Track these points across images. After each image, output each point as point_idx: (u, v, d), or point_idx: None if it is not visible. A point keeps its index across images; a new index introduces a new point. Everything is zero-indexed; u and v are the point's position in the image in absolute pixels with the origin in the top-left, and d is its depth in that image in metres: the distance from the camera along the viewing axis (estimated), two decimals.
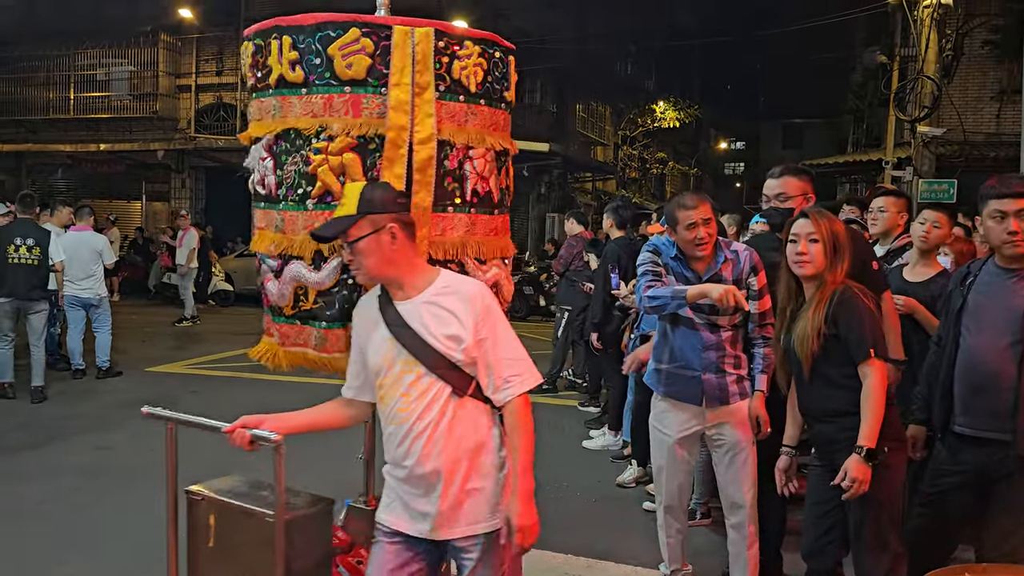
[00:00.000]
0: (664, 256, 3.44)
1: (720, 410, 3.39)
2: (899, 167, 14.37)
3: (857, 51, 21.64)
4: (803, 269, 2.80)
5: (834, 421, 2.77)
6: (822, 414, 2.82)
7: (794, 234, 2.83)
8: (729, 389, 3.38)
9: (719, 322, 3.35)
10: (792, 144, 43.58)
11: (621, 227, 6.51)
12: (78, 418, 6.73)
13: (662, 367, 3.51)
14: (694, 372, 3.39)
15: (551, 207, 20.21)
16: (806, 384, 2.83)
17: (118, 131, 19.97)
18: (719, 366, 3.37)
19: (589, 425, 6.68)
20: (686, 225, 3.29)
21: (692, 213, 3.29)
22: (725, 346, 3.36)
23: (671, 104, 25.31)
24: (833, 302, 2.72)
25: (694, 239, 3.29)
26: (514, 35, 15.55)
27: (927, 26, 12.47)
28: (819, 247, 2.76)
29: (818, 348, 2.71)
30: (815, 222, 2.80)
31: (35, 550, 4.02)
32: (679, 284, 3.35)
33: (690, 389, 3.41)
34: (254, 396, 7.77)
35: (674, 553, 3.67)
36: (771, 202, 3.54)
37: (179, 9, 18.43)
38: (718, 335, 3.36)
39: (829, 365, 2.74)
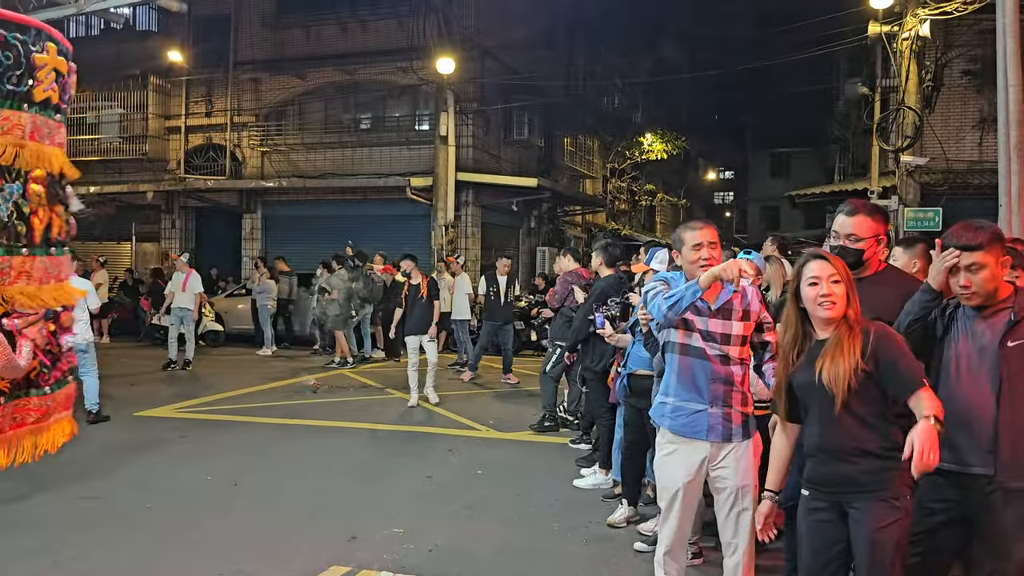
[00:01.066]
0: (674, 286, 3.43)
1: (723, 449, 3.37)
2: (885, 196, 14.51)
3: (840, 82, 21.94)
4: (830, 312, 2.77)
5: (856, 462, 2.72)
6: (845, 453, 2.74)
7: (814, 277, 2.80)
8: (733, 426, 3.37)
9: (730, 354, 3.36)
10: (780, 173, 44.00)
11: (610, 265, 6.54)
12: (65, 465, 6.64)
13: (668, 400, 3.48)
14: (700, 405, 3.38)
15: (541, 241, 20.28)
16: (831, 422, 2.75)
17: (108, 173, 20.03)
18: (725, 400, 3.36)
19: (580, 463, 6.64)
20: (691, 246, 3.39)
21: (697, 234, 3.41)
22: (734, 380, 3.37)
23: (658, 136, 25.53)
24: (870, 339, 2.70)
25: (699, 260, 3.35)
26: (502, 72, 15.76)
27: (907, 57, 12.68)
28: (842, 288, 2.77)
29: (856, 384, 2.68)
30: (835, 263, 2.81)
31: None
32: (690, 316, 3.35)
33: (696, 423, 3.38)
34: (244, 440, 7.72)
35: None
36: (841, 240, 3.43)
37: (168, 52, 18.59)
38: (728, 367, 3.36)
39: (861, 404, 2.71)
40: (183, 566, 4.46)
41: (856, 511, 2.71)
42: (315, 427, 8.34)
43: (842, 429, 2.74)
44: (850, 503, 2.72)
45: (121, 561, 4.56)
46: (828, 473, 2.80)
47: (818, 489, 2.84)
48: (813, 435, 2.85)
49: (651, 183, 29.63)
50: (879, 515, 2.66)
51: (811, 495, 2.87)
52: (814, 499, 2.85)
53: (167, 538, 4.94)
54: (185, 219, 20.25)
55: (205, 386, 10.75)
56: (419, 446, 7.53)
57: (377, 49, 17.82)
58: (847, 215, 3.45)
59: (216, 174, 19.20)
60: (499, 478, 6.43)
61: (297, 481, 6.40)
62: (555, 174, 21.61)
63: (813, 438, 2.85)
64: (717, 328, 3.36)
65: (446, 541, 4.91)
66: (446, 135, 16.53)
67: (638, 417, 5.10)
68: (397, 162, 18.10)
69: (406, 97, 18.56)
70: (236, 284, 17.76)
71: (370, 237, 15.74)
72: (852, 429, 2.72)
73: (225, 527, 5.16)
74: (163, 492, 5.92)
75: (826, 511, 2.81)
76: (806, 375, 2.81)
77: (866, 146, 17.83)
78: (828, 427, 2.78)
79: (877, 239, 3.45)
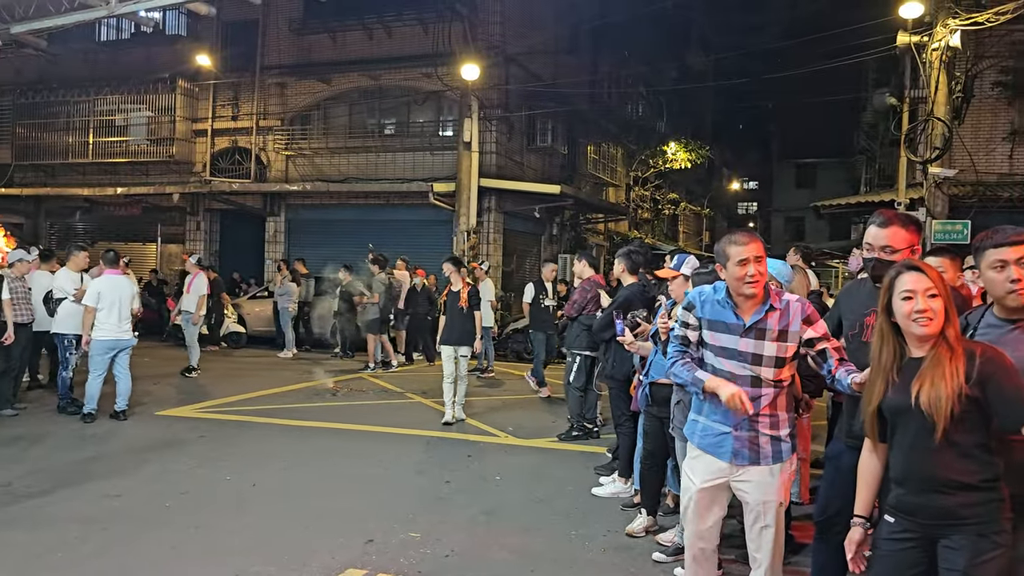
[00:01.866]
0: (702, 308, 3.39)
1: (750, 469, 3.32)
2: (912, 208, 14.33)
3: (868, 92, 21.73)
4: (926, 328, 2.58)
5: (954, 494, 2.52)
6: (943, 485, 2.54)
7: (908, 291, 2.60)
8: (761, 449, 3.30)
9: (762, 376, 3.27)
10: (805, 184, 43.71)
11: (633, 272, 6.48)
12: (87, 463, 6.71)
13: (699, 419, 3.46)
14: (725, 428, 3.33)
15: (563, 248, 20.23)
16: (929, 451, 2.55)
17: (135, 175, 20.31)
18: (751, 424, 3.29)
19: (599, 471, 6.59)
20: (737, 261, 3.23)
21: (743, 249, 3.24)
22: (763, 403, 3.28)
23: (682, 145, 25.43)
24: (976, 361, 2.50)
25: (744, 276, 3.22)
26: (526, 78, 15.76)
27: (936, 68, 12.52)
28: (939, 302, 2.58)
29: (959, 411, 2.48)
30: (931, 275, 2.61)
31: None
32: (720, 335, 3.32)
33: (721, 444, 3.35)
34: (263, 441, 7.74)
35: None
36: (876, 252, 3.37)
37: (196, 56, 18.80)
38: (759, 390, 3.28)
39: (963, 432, 2.51)
40: (201, 566, 4.47)
41: (951, 543, 2.54)
42: (334, 430, 8.34)
43: (941, 459, 2.54)
44: (945, 535, 2.55)
45: (140, 559, 4.57)
46: (922, 504, 2.59)
47: (908, 519, 2.64)
48: (905, 462, 2.65)
49: (674, 192, 29.52)
50: (979, 550, 2.49)
51: (897, 522, 2.67)
52: (902, 528, 2.65)
53: (185, 537, 4.95)
54: (210, 221, 20.44)
55: (226, 387, 10.81)
56: (438, 451, 7.51)
57: (402, 55, 17.91)
58: (880, 226, 3.40)
59: (241, 177, 19.37)
60: (517, 485, 6.39)
61: (315, 483, 6.40)
62: (578, 181, 21.58)
63: (906, 465, 2.65)
64: (748, 348, 3.28)
65: (463, 547, 4.88)
66: (470, 141, 16.55)
67: (659, 426, 5.06)
68: (420, 167, 18.15)
69: (430, 103, 18.62)
70: (259, 286, 17.89)
71: (392, 242, 15.79)
72: (952, 459, 2.52)
73: (243, 527, 5.17)
74: (182, 491, 5.95)
75: (913, 540, 2.62)
76: (900, 397, 2.61)
77: (894, 157, 17.62)
78: (925, 455, 2.57)
79: (912, 250, 3.40)
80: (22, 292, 8.82)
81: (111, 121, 20.27)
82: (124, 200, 19.98)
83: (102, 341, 8.35)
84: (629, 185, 26.15)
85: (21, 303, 8.76)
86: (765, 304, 3.28)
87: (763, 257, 3.29)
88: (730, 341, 3.31)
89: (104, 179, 20.27)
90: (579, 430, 7.95)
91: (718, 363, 3.34)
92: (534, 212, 18.65)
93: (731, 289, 3.31)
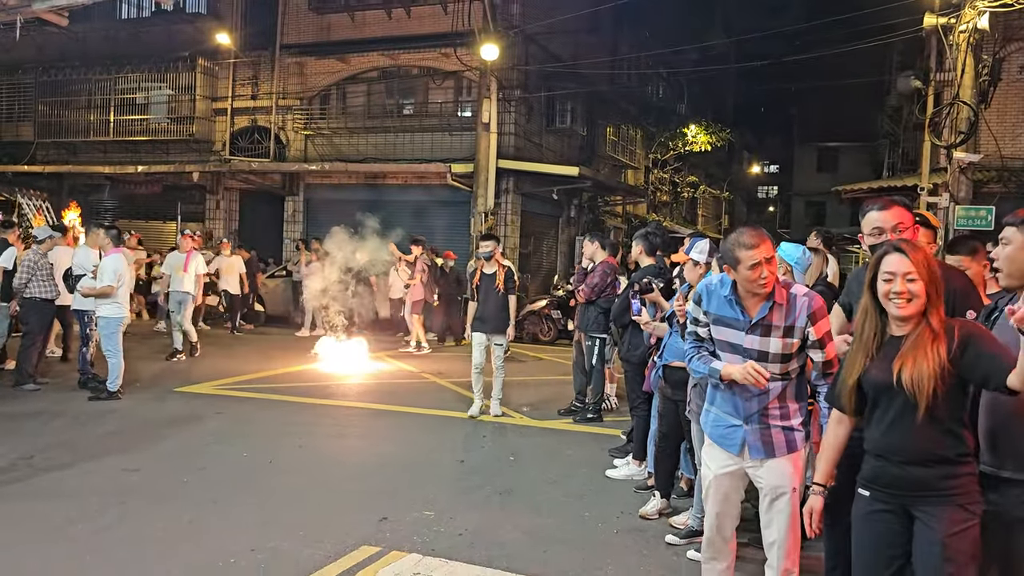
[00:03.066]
0: (709, 302, 3.38)
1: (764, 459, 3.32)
2: (935, 193, 14.14)
3: (892, 75, 21.42)
4: (901, 311, 2.66)
5: (931, 466, 2.61)
6: (922, 458, 2.63)
7: (890, 272, 2.67)
8: (775, 442, 3.29)
9: (768, 369, 3.25)
10: (827, 168, 43.20)
11: (651, 253, 6.46)
12: (107, 437, 6.80)
13: (712, 409, 3.48)
14: (736, 421, 3.34)
15: (580, 230, 20.16)
16: (910, 426, 2.63)
17: (155, 153, 20.40)
18: (761, 417, 3.29)
19: (613, 454, 6.60)
20: (749, 265, 3.17)
21: (755, 252, 3.16)
22: (771, 396, 3.28)
23: (703, 128, 25.21)
24: (955, 339, 2.57)
25: (758, 279, 3.18)
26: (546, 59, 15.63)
27: (963, 51, 12.28)
28: (919, 286, 2.64)
29: (942, 390, 2.56)
30: (914, 259, 2.66)
31: (55, 571, 4.03)
32: (725, 329, 3.32)
33: (730, 437, 3.36)
34: (280, 419, 7.80)
35: None
36: (887, 234, 3.39)
37: (216, 35, 18.81)
38: (767, 384, 3.27)
39: (944, 408, 2.59)
40: (216, 540, 4.52)
41: (925, 514, 2.63)
42: (351, 408, 8.40)
43: (922, 434, 2.62)
44: (918, 506, 2.64)
45: (157, 533, 4.64)
46: (898, 476, 2.68)
47: (882, 491, 2.73)
48: (884, 436, 2.71)
49: (694, 175, 29.31)
50: (953, 520, 2.58)
51: (872, 496, 2.76)
52: (876, 500, 2.74)
53: (201, 512, 5.01)
54: (229, 200, 20.52)
55: (243, 365, 10.90)
56: (452, 430, 7.54)
57: (421, 34, 17.81)
58: (881, 210, 3.47)
59: (260, 156, 19.41)
60: (531, 465, 6.41)
61: (331, 461, 6.45)
62: (596, 163, 21.46)
63: (883, 439, 2.71)
64: (753, 344, 3.27)
65: (476, 525, 4.91)
66: (488, 122, 16.48)
67: (673, 409, 5.05)
68: (439, 148, 18.11)
69: (449, 83, 18.54)
70: (278, 265, 17.99)
71: (410, 222, 15.78)
72: (931, 434, 2.61)
73: (259, 503, 5.22)
74: (199, 467, 6.01)
75: (889, 512, 2.71)
76: (882, 374, 2.68)
77: (917, 141, 17.38)
78: (906, 430, 2.65)
79: (914, 228, 3.46)
80: (47, 268, 8.92)
81: (132, 99, 20.36)
82: (145, 178, 20.10)
83: (119, 318, 8.42)
84: (648, 167, 25.98)
85: (46, 279, 8.86)
86: (769, 300, 3.25)
87: (773, 257, 3.24)
88: (735, 337, 3.30)
89: (125, 157, 20.39)
90: (594, 412, 7.96)
91: (725, 357, 3.35)
92: (552, 194, 18.58)
93: (742, 289, 3.28)
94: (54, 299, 9.06)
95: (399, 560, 4.30)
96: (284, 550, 4.40)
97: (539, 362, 12.41)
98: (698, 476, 4.68)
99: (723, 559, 3.55)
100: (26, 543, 4.40)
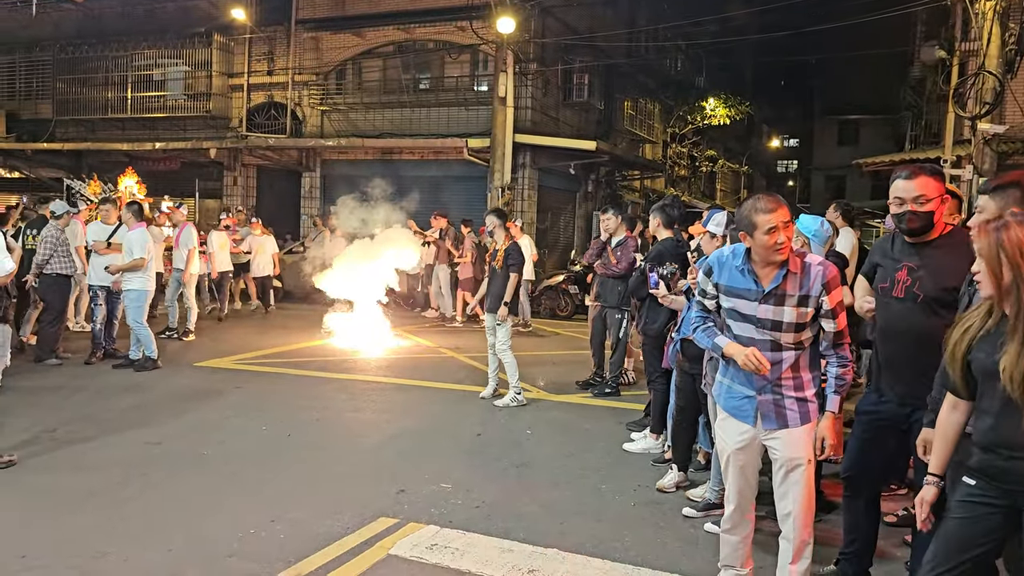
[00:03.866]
0: (720, 273, 3.34)
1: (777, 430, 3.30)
2: (958, 165, 13.92)
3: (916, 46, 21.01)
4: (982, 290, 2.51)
5: None
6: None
7: None
8: (788, 412, 3.27)
9: (781, 341, 3.23)
10: (848, 141, 42.68)
11: (668, 226, 6.40)
12: (129, 411, 6.88)
13: (724, 381, 3.46)
14: (749, 391, 3.32)
15: (597, 205, 20.04)
16: (1017, 418, 2.41)
17: (173, 130, 20.44)
18: (775, 387, 3.27)
19: (630, 427, 6.59)
20: (766, 230, 3.14)
21: (772, 217, 3.13)
22: (785, 366, 3.25)
23: (721, 101, 24.91)
24: None
25: (775, 244, 3.14)
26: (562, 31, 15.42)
27: (989, 19, 12.02)
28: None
29: None
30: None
31: (78, 541, 4.09)
32: (738, 300, 3.28)
33: (744, 408, 3.34)
34: (299, 393, 7.86)
35: (729, 554, 3.60)
36: (908, 205, 3.35)
37: (232, 10, 18.74)
38: (779, 354, 3.24)
39: None
40: (237, 512, 4.57)
41: None
42: (369, 382, 8.44)
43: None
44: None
45: (179, 503, 4.69)
46: (1010, 470, 2.47)
47: (992, 483, 2.52)
48: (993, 427, 2.50)
49: (712, 149, 29.02)
50: None
51: (978, 485, 2.56)
52: (982, 492, 2.55)
53: (222, 484, 5.06)
54: (246, 176, 20.55)
55: (262, 340, 10.96)
56: (469, 405, 7.56)
57: (436, 7, 17.65)
58: (907, 179, 3.39)
59: (277, 132, 19.41)
60: (548, 439, 6.42)
61: (349, 434, 6.50)
62: (614, 138, 21.29)
63: (993, 431, 2.50)
64: (767, 314, 3.22)
65: (493, 498, 4.92)
66: (504, 96, 16.36)
67: (690, 383, 5.03)
68: (455, 123, 18.02)
69: (465, 57, 18.40)
70: (295, 241, 18.04)
71: (427, 198, 15.75)
72: None
73: (277, 475, 5.27)
74: (219, 440, 6.07)
75: (994, 506, 2.52)
76: (987, 358, 2.47)
77: (941, 113, 17.10)
78: (1015, 423, 2.43)
79: (941, 199, 3.39)
80: (65, 244, 9.01)
81: (149, 76, 20.39)
82: (162, 155, 20.17)
83: (146, 291, 8.67)
84: (666, 142, 25.75)
85: (65, 255, 8.95)
86: (783, 268, 3.21)
87: (791, 222, 3.21)
88: (749, 307, 3.26)
89: (143, 134, 20.45)
90: (612, 386, 7.95)
91: (737, 327, 3.31)
92: (569, 168, 18.46)
93: (758, 256, 3.23)
94: (72, 275, 9.16)
95: (417, 532, 4.33)
96: (303, 521, 4.43)
97: (556, 337, 12.40)
98: (715, 449, 4.67)
99: (740, 531, 3.55)
100: (51, 514, 4.47)
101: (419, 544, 4.17)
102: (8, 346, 5.40)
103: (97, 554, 3.95)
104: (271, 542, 4.15)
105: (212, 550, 4.04)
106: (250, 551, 4.04)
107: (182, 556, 3.96)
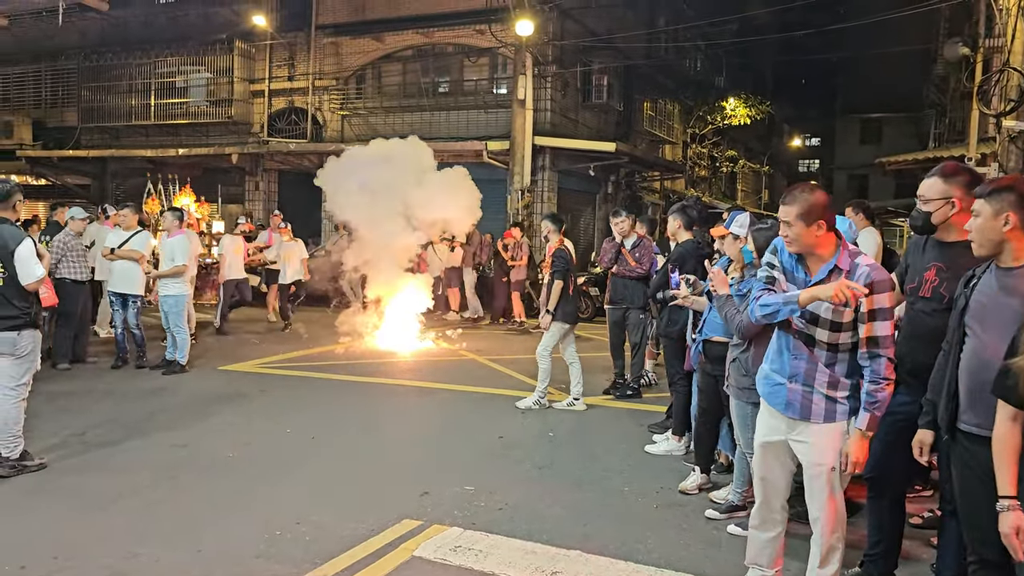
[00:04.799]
0: (781, 255, 3.35)
1: (802, 425, 3.28)
2: (983, 163, 13.76)
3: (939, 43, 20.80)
4: None
5: None
6: None
7: None
8: (814, 407, 3.24)
9: (816, 336, 3.20)
10: (870, 140, 42.26)
11: (688, 228, 6.39)
12: (156, 414, 6.97)
13: (764, 366, 3.49)
14: (781, 378, 3.33)
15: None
16: None
17: (195, 136, 20.67)
18: (807, 379, 3.25)
19: (652, 429, 6.58)
20: (781, 222, 3.23)
21: (781, 210, 3.23)
22: (817, 362, 3.22)
23: (742, 101, 24.78)
24: None
25: (785, 236, 3.24)
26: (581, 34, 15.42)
27: (1013, 15, 11.87)
28: None
29: None
30: None
31: (108, 542, 4.16)
32: (791, 286, 3.26)
33: (776, 394, 3.36)
34: (322, 396, 7.92)
35: (756, 553, 3.60)
36: (929, 204, 3.46)
37: (253, 17, 18.93)
38: (811, 349, 3.22)
39: None
40: (262, 513, 4.62)
41: None
42: (392, 385, 8.49)
43: None
44: None
45: (206, 505, 4.76)
46: None
47: None
48: None
49: (733, 149, 28.87)
50: None
51: None
52: None
53: (247, 487, 5.12)
54: (268, 181, 20.73)
55: (285, 343, 11.06)
56: (492, 407, 7.59)
57: (455, 11, 17.74)
58: (927, 176, 3.51)
59: (298, 137, 19.56)
60: (571, 441, 6.43)
61: (373, 437, 6.54)
62: (633, 139, 21.24)
63: None
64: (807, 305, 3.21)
65: (516, 500, 4.94)
66: (524, 98, 16.39)
67: (712, 384, 5.02)
68: (474, 126, 18.07)
69: (484, 60, 18.45)
70: (316, 245, 18.15)
71: None
72: None
73: (302, 478, 5.32)
74: (244, 443, 6.14)
75: None
76: None
77: (965, 111, 16.90)
78: None
79: (950, 203, 3.41)
80: (78, 249, 8.99)
81: (171, 83, 20.64)
82: (185, 161, 20.40)
83: (185, 295, 8.91)
84: (686, 142, 25.65)
85: (77, 260, 8.93)
86: (830, 264, 3.18)
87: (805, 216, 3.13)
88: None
89: (166, 140, 20.70)
90: (632, 388, 7.95)
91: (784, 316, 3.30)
92: (589, 170, 18.45)
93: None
94: (85, 281, 9.08)
95: (440, 534, 4.36)
96: (327, 523, 4.48)
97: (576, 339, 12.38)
98: (738, 450, 4.66)
99: (769, 529, 3.54)
100: (80, 515, 4.55)
101: (443, 546, 4.19)
102: (38, 351, 5.47)
103: (128, 555, 4.01)
104: (297, 543, 4.20)
105: (240, 551, 4.09)
106: (277, 552, 4.09)
107: (211, 557, 4.02)
